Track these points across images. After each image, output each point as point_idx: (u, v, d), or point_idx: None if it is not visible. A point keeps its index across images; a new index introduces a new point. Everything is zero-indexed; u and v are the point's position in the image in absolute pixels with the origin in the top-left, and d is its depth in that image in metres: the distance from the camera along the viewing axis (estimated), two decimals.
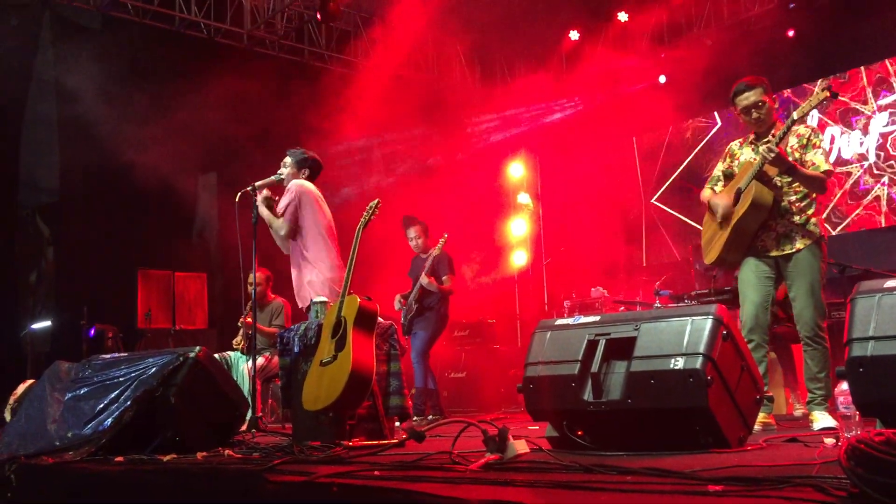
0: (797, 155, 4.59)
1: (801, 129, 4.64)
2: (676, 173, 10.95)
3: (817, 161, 4.57)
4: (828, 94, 4.31)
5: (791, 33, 9.57)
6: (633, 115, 11.04)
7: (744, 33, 9.89)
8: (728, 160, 4.95)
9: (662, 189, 11.11)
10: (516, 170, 12.18)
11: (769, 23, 9.68)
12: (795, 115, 4.40)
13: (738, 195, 4.67)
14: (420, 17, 9.98)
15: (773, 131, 4.71)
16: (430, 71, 11.47)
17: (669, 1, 10.16)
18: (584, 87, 11.51)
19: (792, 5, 9.39)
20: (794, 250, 4.61)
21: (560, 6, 10.33)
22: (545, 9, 10.40)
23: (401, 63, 11.03)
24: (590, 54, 11.05)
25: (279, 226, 5.41)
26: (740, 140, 4.97)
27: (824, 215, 9.32)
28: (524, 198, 12.02)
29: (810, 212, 4.64)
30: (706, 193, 4.98)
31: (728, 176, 4.94)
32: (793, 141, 4.64)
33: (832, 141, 9.46)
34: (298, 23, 10.14)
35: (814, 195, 4.67)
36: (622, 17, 10.39)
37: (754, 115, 4.70)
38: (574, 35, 10.82)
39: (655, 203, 11.17)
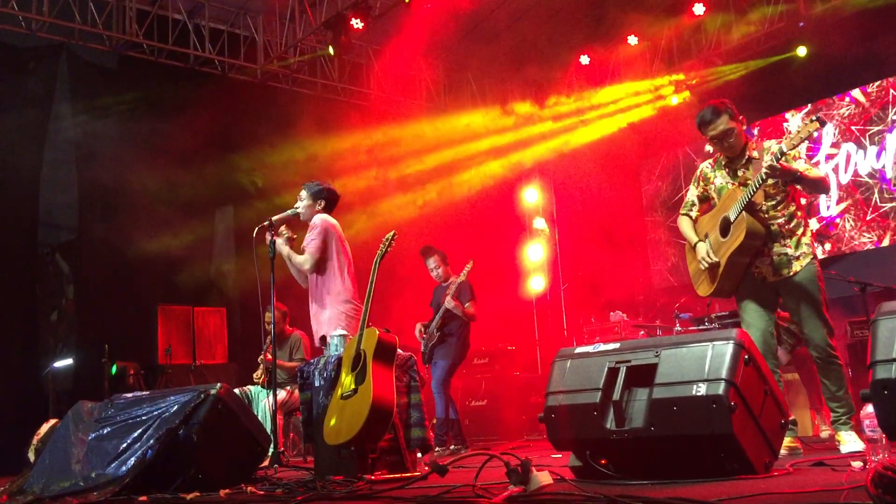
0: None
1: (774, 146, 4.45)
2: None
3: (804, 170, 4.49)
4: (817, 125, 4.25)
5: (802, 51, 9.59)
6: (646, 137, 11.06)
7: (753, 53, 9.93)
8: (702, 184, 4.86)
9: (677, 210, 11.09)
10: (531, 195, 12.19)
11: (779, 41, 9.70)
12: (785, 148, 4.29)
13: (725, 224, 4.59)
14: (429, 45, 10.08)
15: (746, 152, 4.66)
16: (440, 100, 11.54)
17: (678, 24, 10.21)
18: (596, 110, 11.55)
19: (802, 24, 9.40)
20: (791, 273, 4.56)
21: (570, 31, 10.39)
22: (555, 34, 10.47)
23: (411, 93, 11.12)
24: (600, 77, 11.10)
25: (303, 260, 5.37)
26: (710, 162, 4.88)
27: (844, 218, 9.25)
28: (540, 223, 12.02)
29: (800, 231, 4.59)
30: (685, 224, 4.89)
31: (703, 199, 4.87)
32: (772, 159, 4.51)
33: (847, 158, 9.43)
34: (311, 56, 10.25)
35: (799, 213, 4.63)
36: (632, 40, 10.43)
37: (725, 143, 4.63)
38: (585, 59, 10.87)
39: (672, 225, 11.15)
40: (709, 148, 4.71)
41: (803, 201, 4.80)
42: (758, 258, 4.60)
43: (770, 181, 4.49)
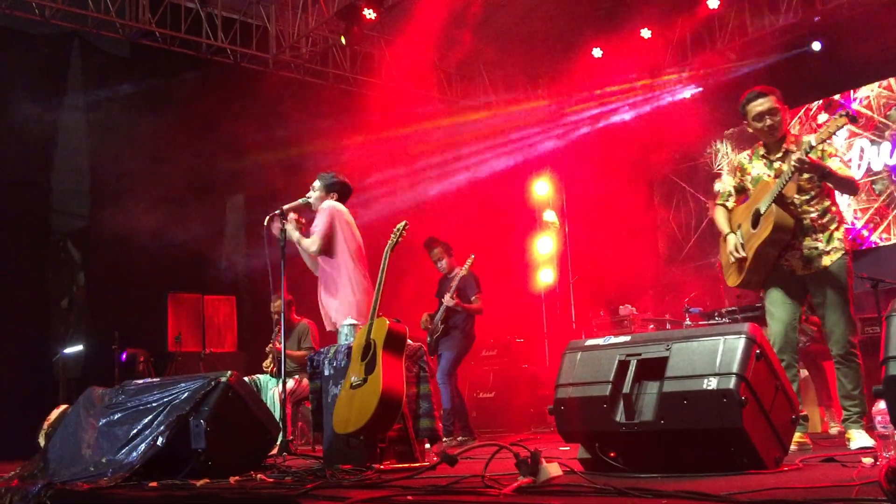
0: None
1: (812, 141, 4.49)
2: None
3: (836, 168, 4.49)
4: (846, 119, 4.24)
5: (816, 45, 9.52)
6: (657, 130, 11.03)
7: (768, 47, 9.86)
8: (738, 174, 4.84)
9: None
10: (541, 187, 12.17)
11: (794, 36, 9.63)
12: (814, 142, 4.29)
13: (756, 216, 4.58)
14: (441, 36, 10.05)
15: (783, 144, 4.65)
16: (452, 91, 11.53)
17: (692, 16, 10.15)
18: (607, 103, 11.52)
19: (816, 18, 9.34)
20: (820, 267, 4.53)
21: (582, 23, 10.35)
22: (568, 26, 10.43)
23: (422, 84, 11.10)
24: (612, 71, 11.06)
25: (310, 243, 5.37)
26: (748, 153, 4.86)
27: (860, 224, 9.22)
28: (550, 215, 12.00)
29: (833, 227, 4.57)
30: (720, 215, 4.87)
31: (739, 190, 4.86)
32: (801, 152, 4.52)
33: (861, 154, 9.37)
34: (323, 46, 10.24)
35: (834, 209, 4.60)
36: (645, 33, 10.38)
37: (768, 121, 4.60)
38: (597, 52, 10.83)
39: (682, 220, 11.12)
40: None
41: (839, 197, 4.77)
42: (787, 251, 4.57)
43: (804, 175, 4.47)
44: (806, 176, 4.48)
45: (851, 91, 9.56)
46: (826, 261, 4.53)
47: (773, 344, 4.58)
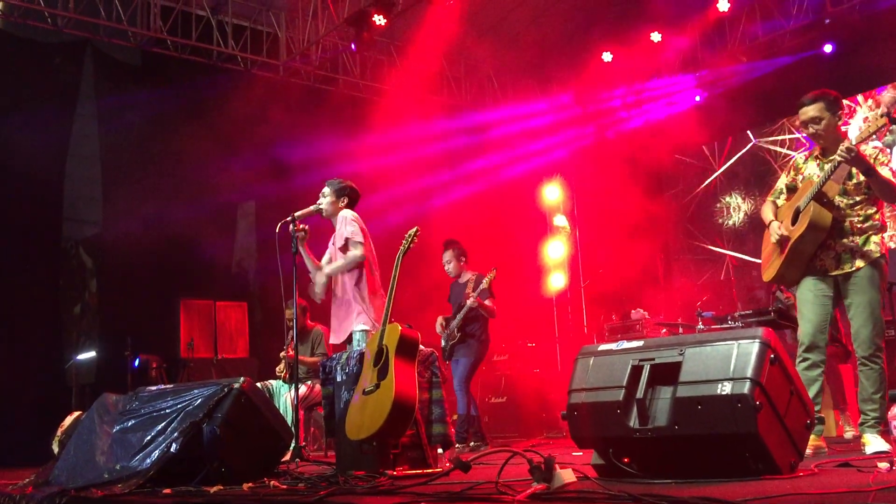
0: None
1: (867, 148, 4.53)
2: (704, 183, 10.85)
3: (884, 173, 4.48)
4: (886, 120, 4.25)
5: (828, 48, 9.48)
6: (668, 134, 11.00)
7: (779, 50, 9.83)
8: (792, 173, 4.88)
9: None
10: (552, 192, 12.16)
11: (805, 39, 9.60)
12: (854, 141, 4.32)
13: (796, 213, 4.62)
14: (451, 42, 10.06)
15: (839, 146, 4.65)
16: (462, 97, 11.53)
17: (702, 19, 10.13)
18: (617, 108, 11.50)
19: (828, 21, 9.30)
20: (853, 269, 4.53)
21: (592, 28, 10.34)
22: (577, 31, 10.43)
23: (432, 90, 11.11)
24: (622, 75, 11.05)
25: (358, 255, 5.25)
26: (806, 153, 4.90)
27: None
28: (561, 220, 11.99)
29: (871, 231, 4.57)
30: (767, 209, 4.91)
31: (791, 189, 4.86)
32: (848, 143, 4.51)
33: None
34: (333, 53, 10.27)
35: (876, 217, 4.60)
36: (655, 37, 10.36)
37: (811, 129, 4.65)
38: (607, 56, 10.82)
39: (693, 225, 11.09)
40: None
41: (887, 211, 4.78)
42: (823, 250, 4.59)
43: (852, 180, 4.48)
44: (853, 181, 4.49)
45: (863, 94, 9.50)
46: (859, 262, 4.53)
47: (801, 343, 4.60)
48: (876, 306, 4.49)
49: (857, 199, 4.56)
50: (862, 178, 4.49)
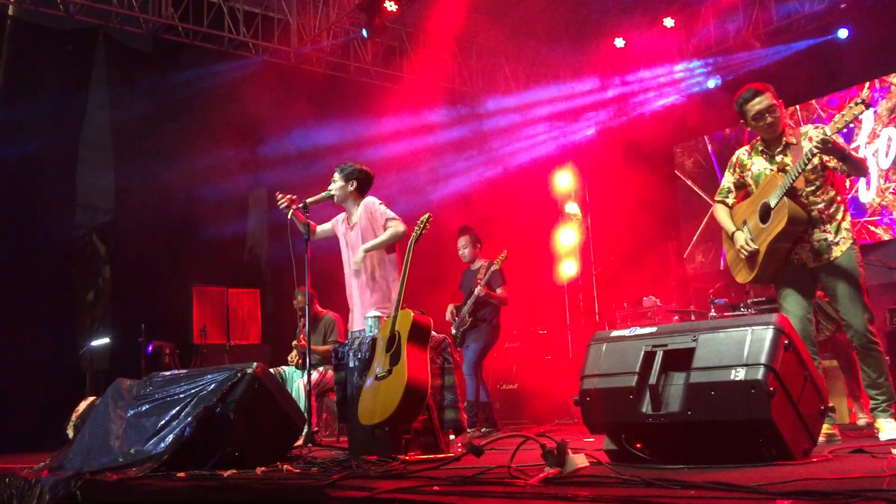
0: (820, 157, 4.46)
1: (812, 131, 4.49)
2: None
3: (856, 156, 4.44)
4: (862, 107, 4.18)
5: (843, 33, 9.39)
6: (680, 121, 10.95)
7: (794, 35, 9.75)
8: (738, 170, 4.79)
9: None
10: (564, 180, 12.13)
11: (820, 23, 9.51)
12: (829, 131, 4.23)
13: (765, 210, 4.52)
14: (462, 29, 10.03)
15: (783, 138, 4.60)
16: (473, 84, 11.49)
17: (716, 4, 10.05)
18: (629, 94, 11.45)
19: (843, 5, 9.21)
20: (831, 258, 4.51)
21: (604, 14, 10.28)
22: (590, 17, 10.37)
23: (444, 77, 11.08)
24: (635, 61, 10.98)
25: (402, 230, 5.22)
26: (747, 148, 4.81)
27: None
28: (572, 207, 11.96)
29: (839, 216, 4.54)
30: (721, 213, 4.83)
31: (739, 186, 4.81)
32: (821, 133, 4.42)
33: (889, 143, 9.25)
34: (344, 39, 10.25)
35: (839, 198, 4.57)
36: (668, 22, 10.29)
37: (768, 119, 4.56)
38: (619, 42, 10.75)
39: (703, 210, 11.03)
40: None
41: (846, 184, 4.72)
42: (798, 244, 4.55)
43: (809, 167, 4.42)
44: (810, 167, 4.43)
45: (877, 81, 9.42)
46: (836, 252, 4.51)
47: None
48: (860, 293, 4.47)
49: (817, 183, 4.53)
50: (816, 161, 4.43)
